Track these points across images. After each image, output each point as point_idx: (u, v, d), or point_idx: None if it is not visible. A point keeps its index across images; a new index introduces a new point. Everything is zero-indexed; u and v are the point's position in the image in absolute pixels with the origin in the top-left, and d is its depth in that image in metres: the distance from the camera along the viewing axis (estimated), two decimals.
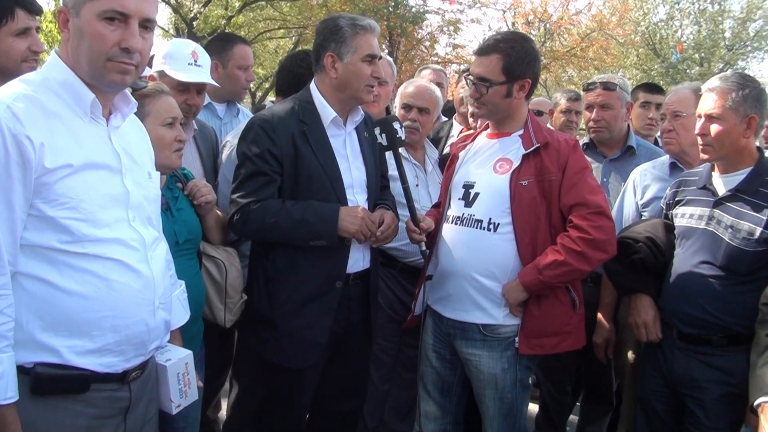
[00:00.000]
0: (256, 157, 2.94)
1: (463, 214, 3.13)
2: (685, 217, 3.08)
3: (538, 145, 3.04)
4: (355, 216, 2.94)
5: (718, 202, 2.96)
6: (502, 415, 3.13)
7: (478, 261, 3.06)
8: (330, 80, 3.05)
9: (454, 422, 3.36)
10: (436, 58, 26.77)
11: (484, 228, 3.06)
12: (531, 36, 26.38)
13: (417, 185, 3.82)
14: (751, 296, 2.79)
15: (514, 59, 3.05)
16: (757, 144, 3.11)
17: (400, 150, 3.54)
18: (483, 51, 3.12)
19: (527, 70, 3.09)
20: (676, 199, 3.18)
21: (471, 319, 3.09)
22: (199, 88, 3.49)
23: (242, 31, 23.15)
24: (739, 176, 2.96)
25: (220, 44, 4.31)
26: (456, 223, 3.15)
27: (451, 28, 26.97)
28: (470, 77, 3.15)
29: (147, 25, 2.04)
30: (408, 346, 3.88)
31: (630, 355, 3.54)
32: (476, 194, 3.12)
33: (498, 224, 3.03)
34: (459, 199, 3.18)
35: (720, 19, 29.31)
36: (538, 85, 3.29)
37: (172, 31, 23.76)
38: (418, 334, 3.41)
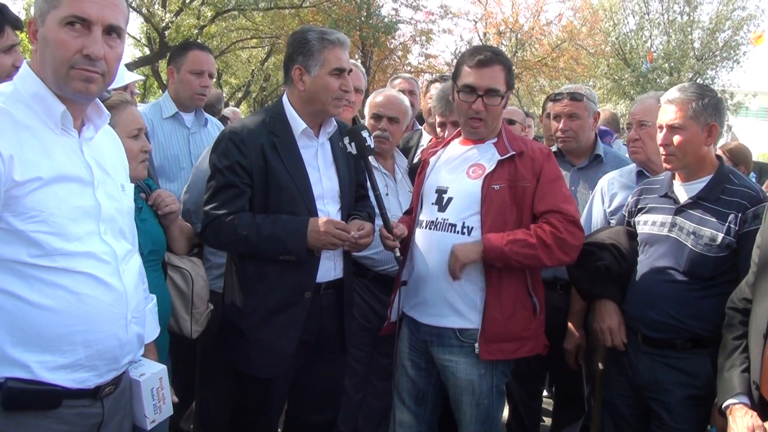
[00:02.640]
0: (226, 170, 2.95)
1: (437, 218, 3.15)
2: (647, 224, 3.14)
3: (514, 152, 3.08)
4: (320, 230, 2.92)
5: (680, 210, 3.03)
6: (479, 422, 3.15)
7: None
8: (299, 93, 3.06)
9: (428, 430, 3.37)
10: (408, 68, 26.91)
11: (457, 232, 3.08)
12: (503, 46, 26.75)
13: (387, 194, 3.82)
14: (714, 300, 2.87)
15: (510, 70, 3.13)
16: (718, 153, 3.18)
17: (370, 159, 3.57)
18: (486, 62, 3.10)
19: (514, 82, 3.16)
20: (639, 206, 3.24)
21: (447, 324, 3.11)
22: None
23: (215, 41, 23.05)
24: (699, 184, 3.03)
25: (177, 51, 4.36)
26: (430, 228, 3.17)
27: (423, 38, 27.16)
28: (468, 91, 3.11)
29: (113, 32, 2.03)
30: (381, 355, 3.89)
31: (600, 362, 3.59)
32: (449, 199, 3.14)
33: (471, 228, 3.06)
34: (432, 203, 3.20)
35: (689, 29, 29.69)
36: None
37: (143, 41, 23.61)
38: (391, 342, 3.42)
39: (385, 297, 3.73)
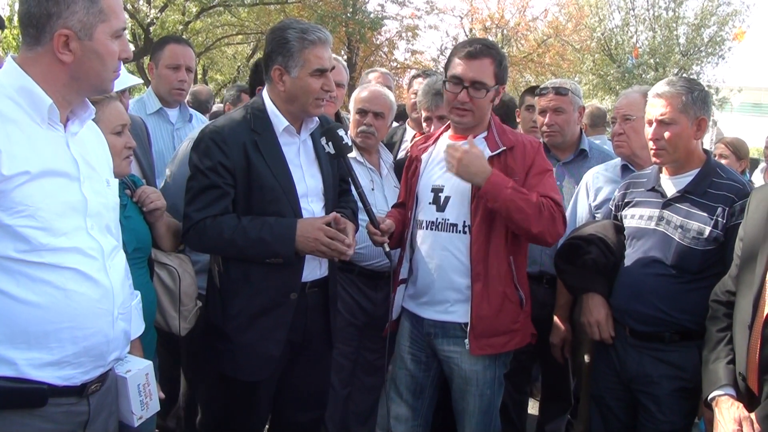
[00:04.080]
0: (209, 170, 2.87)
1: (437, 218, 3.16)
2: (635, 218, 3.15)
3: (505, 148, 3.09)
4: (309, 237, 2.88)
5: (667, 203, 3.04)
6: (481, 412, 3.17)
7: (459, 263, 3.10)
8: (278, 92, 2.98)
9: (424, 424, 3.38)
10: (395, 64, 26.89)
11: (460, 231, 3.11)
12: None
13: (373, 189, 3.83)
14: (701, 293, 2.87)
15: (503, 65, 3.12)
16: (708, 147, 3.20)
17: (356, 154, 3.60)
18: (475, 55, 3.09)
19: (506, 77, 3.17)
20: (625, 200, 3.25)
21: (454, 318, 3.13)
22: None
23: (200, 37, 22.91)
24: (687, 177, 3.04)
25: (156, 46, 4.36)
26: (431, 228, 3.18)
27: (410, 34, 27.14)
28: (455, 82, 3.10)
29: None
30: (367, 350, 3.89)
31: (586, 356, 3.60)
32: (447, 198, 3.15)
33: (472, 226, 3.08)
34: (429, 203, 3.20)
35: (674, 25, 29.77)
36: None
37: (128, 37, 23.42)
38: (378, 337, 3.43)
39: (371, 292, 3.73)
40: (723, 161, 5.17)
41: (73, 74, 2.03)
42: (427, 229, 3.19)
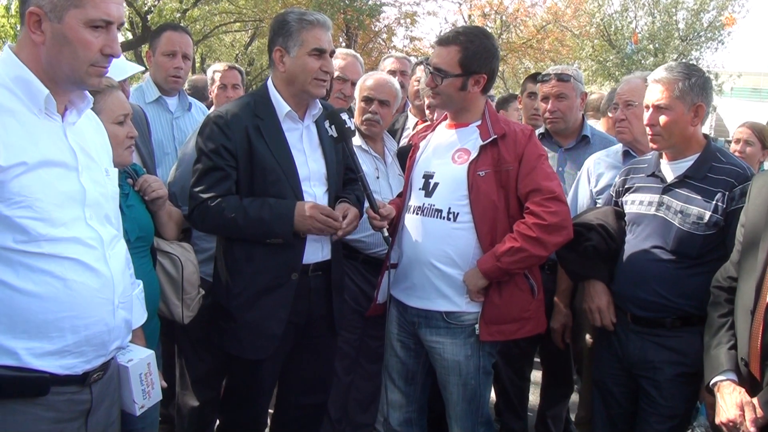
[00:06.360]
0: (212, 153, 2.98)
1: (424, 204, 3.16)
2: (635, 203, 3.15)
3: (495, 136, 3.08)
4: (306, 214, 2.95)
5: (667, 189, 3.03)
6: (465, 401, 3.18)
7: (440, 250, 3.10)
8: (280, 74, 3.10)
9: (418, 410, 3.41)
10: (393, 51, 26.78)
11: (444, 218, 3.10)
12: (487, 28, 26.61)
13: (378, 177, 3.83)
14: (702, 278, 2.87)
15: (472, 53, 3.08)
16: (708, 131, 3.18)
17: (360, 142, 3.61)
18: (443, 42, 3.15)
19: (484, 66, 3.12)
20: (626, 186, 3.24)
21: (434, 307, 3.14)
22: None
23: (198, 25, 22.83)
24: (686, 163, 3.03)
25: (154, 34, 4.37)
26: (417, 213, 3.19)
27: (408, 20, 27.03)
28: (428, 66, 3.19)
29: (119, 27, 2.07)
30: (370, 338, 3.90)
31: (587, 339, 3.61)
32: (436, 184, 3.16)
33: (457, 213, 3.07)
34: (419, 189, 3.21)
35: (674, 10, 29.58)
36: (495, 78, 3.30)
37: (126, 25, 23.31)
38: (381, 325, 3.44)
39: (376, 280, 3.73)
40: (748, 149, 5.10)
41: (47, 59, 1.99)
42: (414, 214, 3.21)
